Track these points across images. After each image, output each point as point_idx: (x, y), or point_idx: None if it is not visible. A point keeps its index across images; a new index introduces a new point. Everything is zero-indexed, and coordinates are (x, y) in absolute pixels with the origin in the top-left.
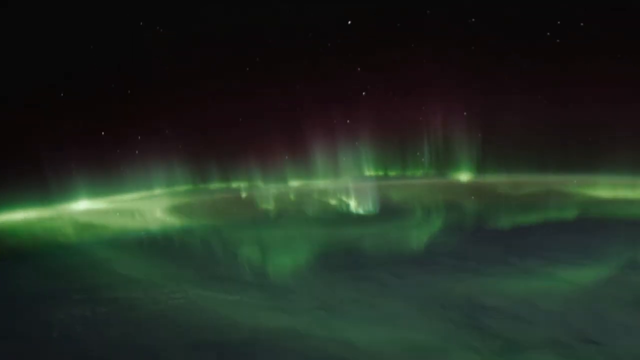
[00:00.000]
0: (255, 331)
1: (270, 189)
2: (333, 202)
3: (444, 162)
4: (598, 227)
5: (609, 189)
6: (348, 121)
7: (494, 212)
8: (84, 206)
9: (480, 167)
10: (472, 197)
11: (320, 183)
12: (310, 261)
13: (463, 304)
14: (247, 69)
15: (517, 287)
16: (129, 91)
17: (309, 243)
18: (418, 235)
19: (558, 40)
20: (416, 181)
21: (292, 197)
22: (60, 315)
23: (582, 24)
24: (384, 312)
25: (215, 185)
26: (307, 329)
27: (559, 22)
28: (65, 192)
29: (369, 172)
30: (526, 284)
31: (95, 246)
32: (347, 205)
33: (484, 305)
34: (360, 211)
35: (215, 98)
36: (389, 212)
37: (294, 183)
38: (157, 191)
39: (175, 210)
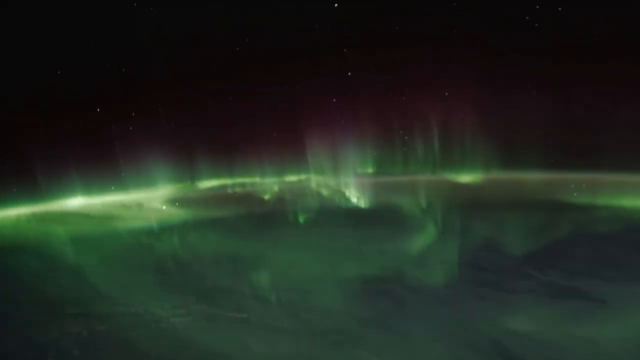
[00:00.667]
0: (266, 359)
1: (271, 187)
2: (334, 201)
3: (444, 161)
4: (613, 233)
5: (616, 191)
6: (342, 120)
7: (501, 215)
8: (80, 206)
9: (479, 166)
10: (478, 199)
11: (319, 181)
12: (319, 272)
13: (487, 328)
14: (247, 68)
15: (543, 307)
16: (128, 91)
17: (316, 251)
18: (429, 243)
19: (537, 25)
20: (417, 181)
21: (294, 196)
22: (55, 334)
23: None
24: (402, 337)
25: (215, 184)
26: (321, 357)
27: (537, 7)
28: (61, 191)
29: (368, 170)
30: (553, 303)
31: (90, 248)
32: (350, 204)
33: (510, 330)
34: (362, 209)
35: (215, 98)
36: (393, 215)
37: (295, 182)
38: (156, 190)
39: (175, 209)
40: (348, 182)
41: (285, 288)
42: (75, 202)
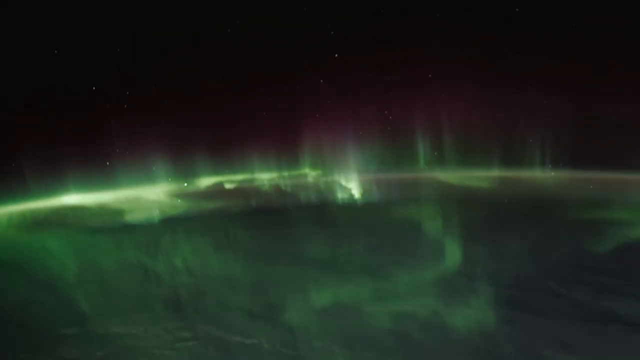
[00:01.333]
0: None
1: (273, 186)
2: (338, 199)
3: (445, 159)
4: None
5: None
6: (343, 119)
7: (516, 220)
8: (75, 204)
9: (483, 165)
10: (488, 200)
11: (322, 179)
12: (332, 288)
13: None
14: (247, 69)
15: (576, 332)
16: (127, 91)
17: (327, 263)
18: (444, 253)
19: (517, 9)
20: (420, 179)
21: (296, 194)
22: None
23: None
24: None
25: (214, 181)
26: None
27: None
28: (56, 189)
29: (369, 167)
30: (586, 328)
31: (86, 253)
32: (353, 203)
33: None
34: (366, 209)
35: (215, 98)
36: (399, 216)
37: (296, 180)
38: (155, 188)
39: (174, 209)
40: (350, 180)
41: (296, 308)
42: (71, 200)
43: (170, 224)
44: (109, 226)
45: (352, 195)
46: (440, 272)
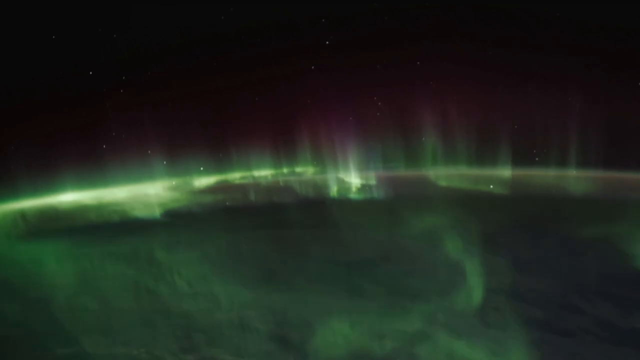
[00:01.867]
0: None
1: (277, 185)
2: (343, 197)
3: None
4: None
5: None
6: (344, 117)
7: (530, 224)
8: (72, 204)
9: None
10: (494, 204)
11: (325, 178)
12: (345, 303)
13: None
14: (248, 69)
15: (606, 356)
16: (125, 89)
17: (337, 272)
18: (458, 262)
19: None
20: (418, 178)
21: (300, 193)
22: None
23: None
24: None
25: (213, 180)
26: None
27: None
28: (52, 188)
29: (371, 166)
30: (618, 354)
31: (82, 260)
32: (357, 202)
33: None
34: (371, 210)
35: (214, 97)
36: (407, 218)
37: (298, 180)
38: (154, 187)
39: (173, 210)
40: (351, 177)
41: (310, 329)
42: (67, 198)
43: (171, 227)
44: (106, 229)
45: (354, 194)
46: (457, 287)
